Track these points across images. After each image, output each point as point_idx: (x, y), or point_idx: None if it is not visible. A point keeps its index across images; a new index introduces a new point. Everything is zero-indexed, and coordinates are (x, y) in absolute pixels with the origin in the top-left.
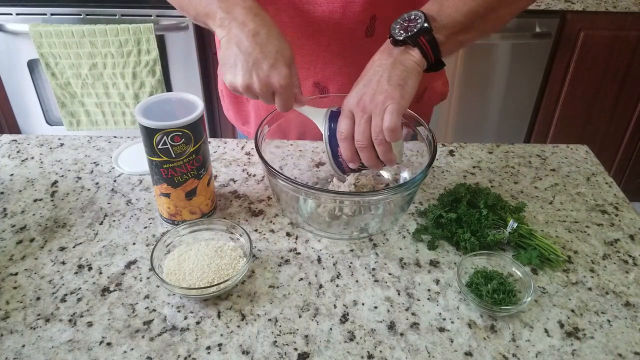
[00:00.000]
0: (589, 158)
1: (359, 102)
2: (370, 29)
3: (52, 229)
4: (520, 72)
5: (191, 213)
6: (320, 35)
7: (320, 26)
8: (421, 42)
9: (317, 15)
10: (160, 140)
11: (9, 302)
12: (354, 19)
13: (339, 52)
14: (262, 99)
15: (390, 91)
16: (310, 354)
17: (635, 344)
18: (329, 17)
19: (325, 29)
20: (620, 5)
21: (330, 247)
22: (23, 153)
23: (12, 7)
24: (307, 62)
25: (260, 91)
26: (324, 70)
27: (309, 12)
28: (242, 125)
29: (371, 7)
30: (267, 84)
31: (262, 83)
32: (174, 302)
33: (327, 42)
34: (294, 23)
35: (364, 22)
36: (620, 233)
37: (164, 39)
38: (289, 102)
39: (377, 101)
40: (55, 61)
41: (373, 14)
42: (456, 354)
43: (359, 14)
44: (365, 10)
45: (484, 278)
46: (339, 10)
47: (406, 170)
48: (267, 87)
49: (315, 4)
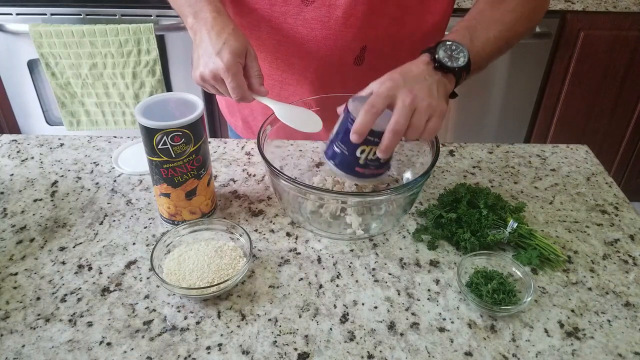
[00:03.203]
0: (589, 158)
1: (410, 92)
2: (359, 59)
3: (52, 229)
4: (520, 72)
5: (191, 213)
6: (311, 58)
7: (312, 49)
8: (462, 77)
9: (311, 38)
10: (160, 140)
11: (9, 302)
12: (346, 47)
13: (328, 77)
14: (219, 88)
15: (442, 103)
16: (310, 354)
17: (635, 344)
18: (322, 42)
19: (317, 53)
20: (620, 5)
21: (330, 247)
22: (23, 153)
23: (12, 7)
24: (295, 80)
25: (210, 78)
26: (311, 91)
27: (302, 34)
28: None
29: (364, 38)
30: (213, 70)
31: (209, 69)
32: (174, 302)
33: (316, 65)
34: (287, 43)
35: (354, 51)
36: (620, 233)
37: (164, 39)
38: (238, 88)
39: (430, 103)
40: (55, 61)
41: (364, 45)
42: (456, 354)
43: (351, 43)
44: (357, 39)
45: (484, 278)
46: (332, 36)
47: (409, 171)
48: (213, 73)
49: (310, 27)
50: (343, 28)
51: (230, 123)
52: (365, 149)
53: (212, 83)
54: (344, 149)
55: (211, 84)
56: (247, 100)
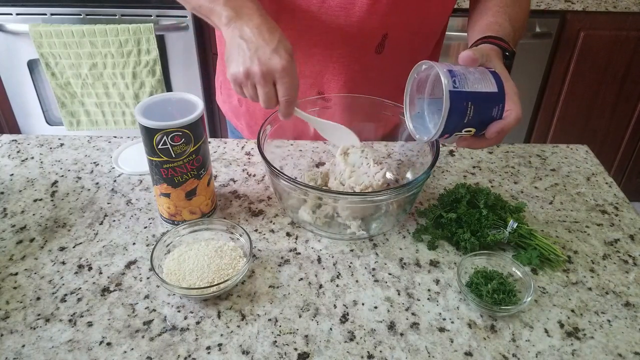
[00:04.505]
0: (589, 158)
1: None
2: (380, 46)
3: (52, 229)
4: (520, 72)
5: (191, 213)
6: (332, 47)
7: (335, 38)
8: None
9: (333, 27)
10: (160, 140)
11: (9, 302)
12: (368, 34)
13: (348, 65)
14: (261, 91)
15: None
16: (310, 354)
17: (635, 344)
18: (345, 30)
19: (339, 41)
20: (620, 5)
21: (330, 247)
22: (23, 153)
23: (12, 7)
24: (315, 72)
25: (261, 75)
26: (331, 81)
27: (325, 22)
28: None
29: (385, 25)
30: (268, 67)
31: (263, 65)
32: (174, 302)
33: (338, 54)
34: (309, 32)
35: (376, 39)
36: (620, 233)
37: (164, 39)
38: (291, 90)
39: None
40: (55, 61)
41: (385, 33)
42: (456, 354)
43: (373, 31)
44: (379, 27)
45: (484, 278)
46: (355, 24)
47: (409, 171)
48: (268, 70)
49: (333, 15)
50: (367, 15)
51: (237, 127)
52: (471, 131)
53: (258, 81)
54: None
55: (256, 82)
56: (291, 104)
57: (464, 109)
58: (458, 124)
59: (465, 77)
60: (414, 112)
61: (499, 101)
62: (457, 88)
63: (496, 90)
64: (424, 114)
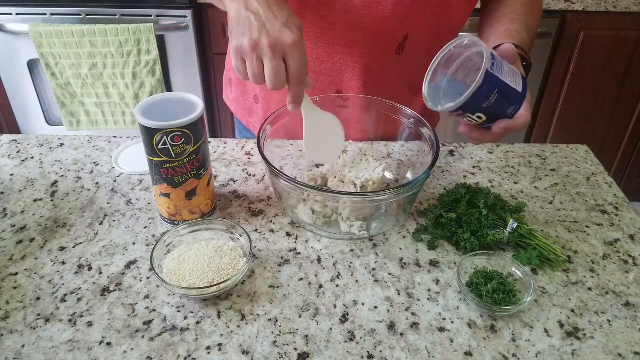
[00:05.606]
0: (589, 158)
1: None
2: (401, 47)
3: (52, 229)
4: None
5: (191, 213)
6: (354, 46)
7: (357, 37)
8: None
9: (356, 25)
10: (160, 140)
11: (9, 302)
12: (390, 35)
13: (369, 65)
14: (269, 65)
15: None
16: (310, 354)
17: (635, 344)
18: (367, 29)
19: (361, 40)
20: (620, 5)
21: (330, 247)
22: (23, 153)
23: (12, 7)
24: (335, 71)
25: (270, 47)
26: (350, 80)
27: (348, 21)
28: (249, 117)
29: (407, 26)
30: (278, 40)
31: (272, 39)
32: (174, 302)
33: (359, 54)
34: (331, 30)
35: (397, 39)
36: (620, 233)
37: (164, 39)
38: (303, 67)
39: None
40: (55, 61)
41: (407, 33)
42: (456, 354)
43: (395, 31)
44: (402, 28)
45: (484, 278)
46: (378, 24)
47: (409, 171)
48: (277, 44)
49: (356, 14)
50: (391, 15)
51: (248, 125)
52: (481, 118)
53: (266, 53)
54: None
55: (264, 54)
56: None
57: (489, 94)
58: (478, 105)
59: (502, 67)
60: (432, 82)
61: (518, 102)
62: (493, 71)
63: (521, 90)
64: (440, 89)
